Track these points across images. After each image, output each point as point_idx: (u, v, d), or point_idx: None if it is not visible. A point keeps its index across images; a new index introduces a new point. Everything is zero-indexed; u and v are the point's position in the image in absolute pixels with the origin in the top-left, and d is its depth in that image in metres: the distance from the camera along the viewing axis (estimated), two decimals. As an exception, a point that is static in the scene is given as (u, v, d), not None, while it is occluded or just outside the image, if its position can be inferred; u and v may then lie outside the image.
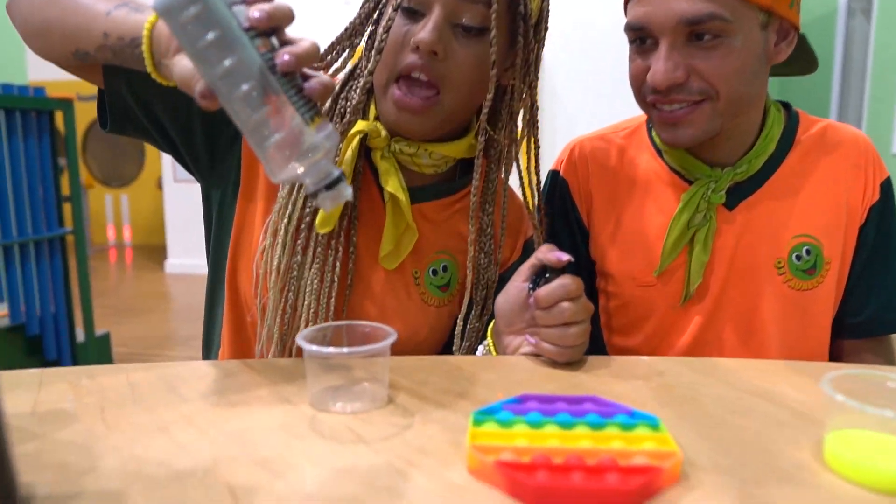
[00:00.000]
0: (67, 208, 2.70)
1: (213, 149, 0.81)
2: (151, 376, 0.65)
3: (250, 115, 0.47)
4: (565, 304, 0.69)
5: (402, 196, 0.79)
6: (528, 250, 0.93)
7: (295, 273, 0.78)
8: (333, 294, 0.79)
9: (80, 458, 0.49)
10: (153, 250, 5.91)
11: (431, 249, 0.86)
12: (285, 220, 0.77)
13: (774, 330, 0.89)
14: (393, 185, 0.79)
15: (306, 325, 0.76)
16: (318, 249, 0.78)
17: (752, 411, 0.59)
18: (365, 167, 0.82)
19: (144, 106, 0.75)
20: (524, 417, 0.53)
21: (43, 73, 5.80)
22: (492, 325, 0.81)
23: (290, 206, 0.78)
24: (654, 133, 0.93)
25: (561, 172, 0.99)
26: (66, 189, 2.69)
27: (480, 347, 0.81)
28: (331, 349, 0.56)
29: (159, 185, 5.92)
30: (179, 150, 0.81)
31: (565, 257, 0.70)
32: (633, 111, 0.97)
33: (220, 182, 0.84)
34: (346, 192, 0.50)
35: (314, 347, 0.56)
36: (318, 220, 0.77)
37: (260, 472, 0.47)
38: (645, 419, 0.53)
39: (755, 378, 0.67)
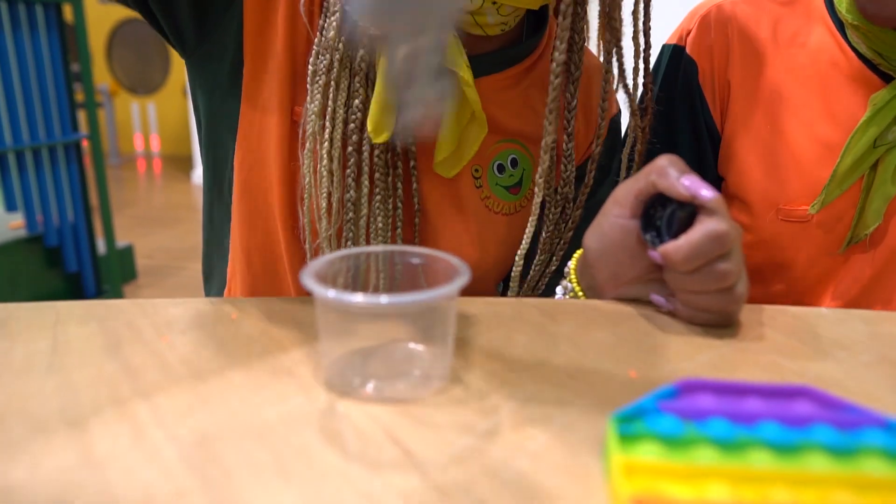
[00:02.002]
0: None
1: (201, 11, 0.56)
2: (90, 323, 0.43)
3: None
4: (722, 266, 0.42)
5: (468, 76, 0.54)
6: (614, 132, 0.67)
7: (351, 215, 0.56)
8: (399, 225, 0.58)
9: (-89, 486, 0.27)
10: (182, 160, 5.74)
11: (496, 137, 0.61)
12: (325, 143, 0.54)
13: None
14: (455, 59, 0.54)
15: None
16: (377, 175, 0.56)
17: None
18: None
19: None
20: (703, 429, 0.30)
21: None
22: (575, 260, 0.56)
23: (328, 122, 0.54)
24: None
25: (687, 49, 0.70)
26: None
27: (559, 289, 0.57)
28: (359, 297, 0.32)
29: (185, 93, 5.67)
30: (152, 9, 0.56)
31: (708, 193, 0.42)
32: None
33: (209, 65, 0.59)
34: (448, 87, 0.34)
35: (331, 293, 0.33)
36: (370, 126, 0.53)
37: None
38: (923, 440, 0.29)
39: None
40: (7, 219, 2.52)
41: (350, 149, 0.55)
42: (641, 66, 0.60)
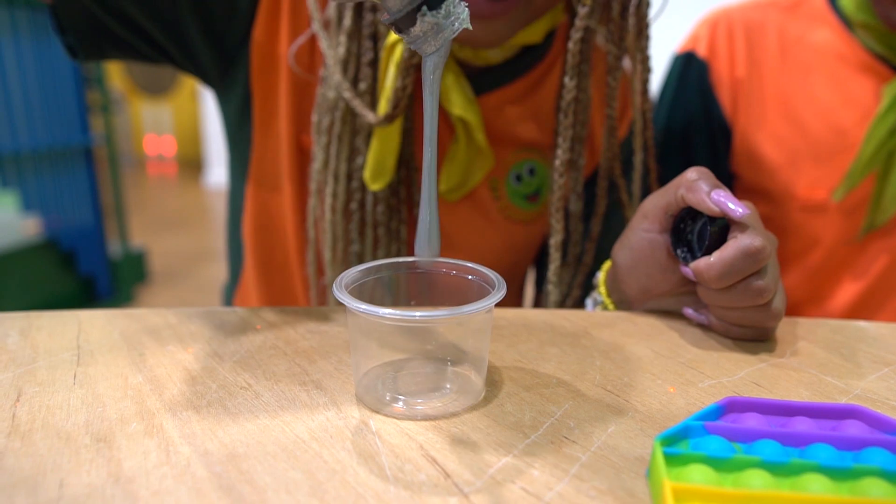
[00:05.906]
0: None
1: (219, 49, 0.58)
2: (113, 332, 0.42)
3: None
4: (758, 283, 0.40)
5: (473, 119, 0.55)
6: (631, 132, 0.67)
7: (353, 261, 0.58)
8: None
9: (-62, 504, 0.26)
10: (194, 163, 5.77)
11: (511, 149, 0.61)
12: (329, 199, 0.56)
13: None
14: (459, 104, 0.55)
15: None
16: (380, 230, 0.57)
17: None
18: (416, 80, 0.54)
19: (112, 8, 0.52)
20: (753, 452, 0.29)
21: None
22: (603, 272, 0.54)
23: (331, 178, 0.56)
24: (841, 1, 0.67)
25: (698, 53, 0.74)
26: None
27: (589, 301, 0.55)
28: (390, 311, 0.31)
29: (197, 96, 5.70)
30: (176, 59, 0.59)
31: (739, 208, 0.40)
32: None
33: (226, 99, 0.62)
34: (463, 14, 0.31)
35: (363, 306, 0.32)
36: (367, 173, 0.54)
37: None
38: None
39: None
40: (22, 222, 2.53)
41: (354, 205, 0.56)
42: (643, 84, 0.59)
